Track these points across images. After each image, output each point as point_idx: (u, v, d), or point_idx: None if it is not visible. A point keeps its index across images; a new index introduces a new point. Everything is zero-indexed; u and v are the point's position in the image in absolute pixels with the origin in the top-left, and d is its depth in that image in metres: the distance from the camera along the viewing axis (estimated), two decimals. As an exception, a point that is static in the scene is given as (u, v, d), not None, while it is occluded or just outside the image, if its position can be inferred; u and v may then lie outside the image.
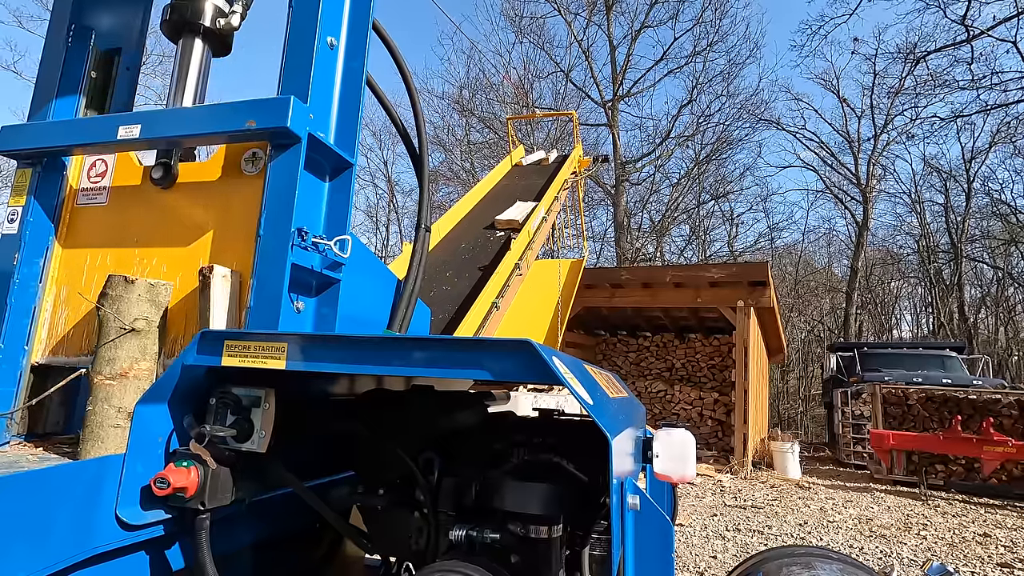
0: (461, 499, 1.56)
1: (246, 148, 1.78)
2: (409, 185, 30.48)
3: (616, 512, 1.05)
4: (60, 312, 1.83)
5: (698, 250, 27.27)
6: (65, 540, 1.11)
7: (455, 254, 4.90)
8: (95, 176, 1.93)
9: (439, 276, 4.45)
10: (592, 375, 1.46)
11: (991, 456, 7.85)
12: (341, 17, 1.88)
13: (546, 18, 25.60)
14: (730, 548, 5.27)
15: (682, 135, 25.08)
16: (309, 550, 1.96)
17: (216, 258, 1.71)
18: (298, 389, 1.49)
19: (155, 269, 1.77)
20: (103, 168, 1.93)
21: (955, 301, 24.09)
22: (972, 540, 5.85)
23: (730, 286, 10.53)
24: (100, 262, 1.83)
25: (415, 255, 2.28)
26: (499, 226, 5.22)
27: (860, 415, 10.90)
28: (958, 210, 24.09)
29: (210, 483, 1.27)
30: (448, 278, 4.46)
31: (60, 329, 1.82)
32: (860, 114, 24.79)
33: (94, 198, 1.91)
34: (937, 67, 21.42)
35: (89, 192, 1.92)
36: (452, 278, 4.46)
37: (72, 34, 2.00)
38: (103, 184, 1.91)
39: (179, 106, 1.90)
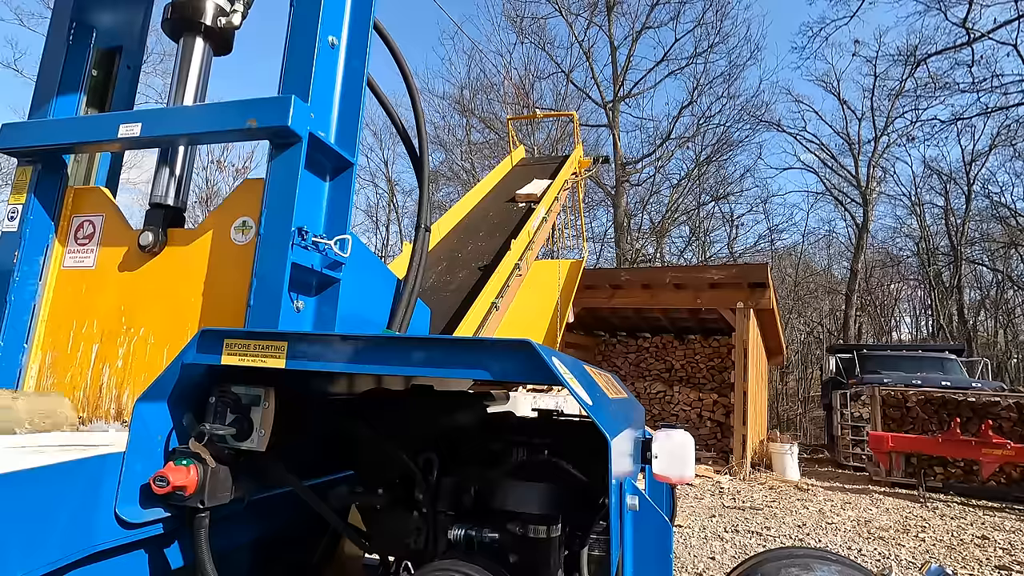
0: (460, 499, 1.56)
1: (236, 216, 1.74)
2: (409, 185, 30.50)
3: (615, 512, 1.05)
4: (45, 379, 1.78)
5: (698, 251, 27.29)
6: (64, 538, 1.11)
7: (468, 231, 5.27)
8: (83, 239, 1.88)
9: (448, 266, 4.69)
10: (591, 376, 1.46)
11: (990, 458, 7.85)
12: (342, 16, 1.89)
13: (547, 19, 25.65)
14: (728, 549, 5.27)
15: (683, 136, 25.12)
16: (308, 549, 1.96)
17: (205, 324, 1.67)
18: (298, 388, 1.49)
19: (142, 338, 1.72)
20: (91, 230, 1.89)
21: (954, 303, 24.11)
22: (970, 542, 5.85)
23: (730, 287, 10.53)
24: (87, 329, 1.78)
25: (415, 255, 2.28)
26: (519, 199, 5.73)
27: (859, 417, 10.90)
28: (958, 212, 24.11)
29: (209, 482, 1.27)
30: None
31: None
32: (860, 116, 24.83)
33: (81, 261, 1.86)
34: (938, 70, 21.49)
35: (76, 255, 1.87)
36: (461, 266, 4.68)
37: (73, 32, 2.00)
38: (90, 247, 1.87)
39: (180, 105, 1.90)
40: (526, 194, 5.82)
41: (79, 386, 1.74)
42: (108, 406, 1.70)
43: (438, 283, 4.41)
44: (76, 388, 1.74)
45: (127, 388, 1.69)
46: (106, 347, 1.75)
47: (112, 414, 1.68)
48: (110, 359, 1.73)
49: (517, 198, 5.86)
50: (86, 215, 1.90)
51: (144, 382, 1.67)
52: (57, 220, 1.89)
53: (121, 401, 1.69)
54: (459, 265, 4.70)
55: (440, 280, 4.44)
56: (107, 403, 1.70)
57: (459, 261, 4.77)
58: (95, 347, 1.76)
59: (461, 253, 4.87)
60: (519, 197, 5.85)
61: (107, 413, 1.69)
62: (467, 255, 4.81)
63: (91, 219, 1.89)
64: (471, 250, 4.89)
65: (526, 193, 5.82)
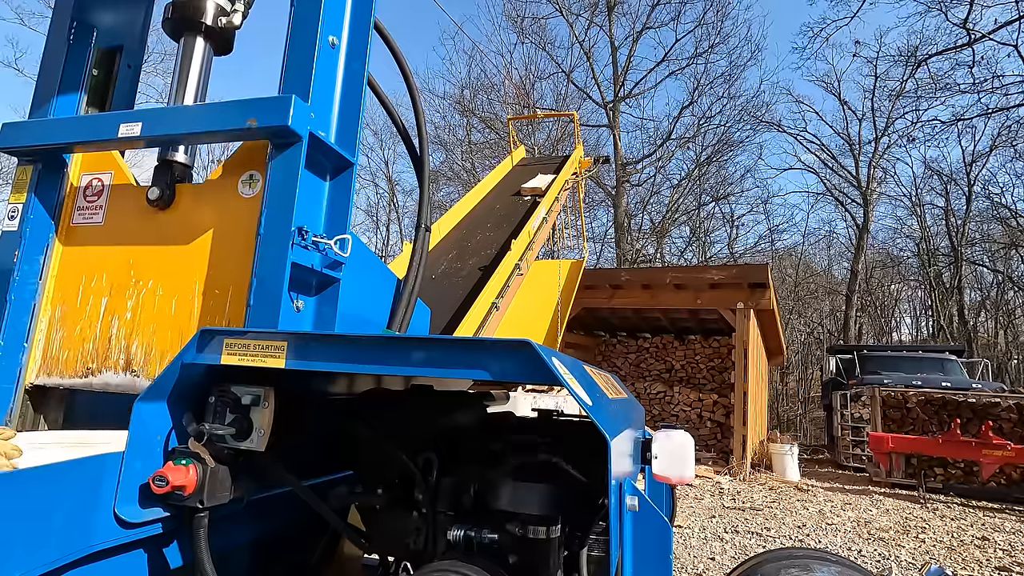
0: (460, 499, 1.56)
1: (243, 171, 1.76)
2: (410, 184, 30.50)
3: (614, 513, 1.05)
4: (55, 333, 1.81)
5: (698, 252, 27.28)
6: (63, 537, 1.11)
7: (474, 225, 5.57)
8: (91, 195, 1.91)
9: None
10: (591, 376, 1.46)
11: (990, 460, 7.85)
12: (343, 16, 1.88)
13: (548, 19, 25.64)
14: (728, 550, 5.27)
15: (683, 137, 25.10)
16: (307, 549, 1.96)
17: (212, 279, 1.70)
18: (298, 388, 1.49)
19: (151, 291, 1.75)
20: (99, 187, 1.91)
21: (955, 304, 24.10)
22: (970, 543, 5.85)
23: (730, 288, 10.53)
24: (96, 283, 1.81)
25: (415, 255, 2.28)
26: (524, 193, 6.03)
27: (859, 418, 10.89)
28: (958, 213, 24.10)
29: (209, 481, 1.27)
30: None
31: (55, 350, 1.80)
32: (861, 117, 24.82)
33: (90, 217, 1.89)
34: (938, 70, 21.46)
35: (85, 211, 1.90)
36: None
37: (74, 32, 2.00)
38: (99, 203, 1.89)
39: (180, 104, 1.90)
40: (531, 188, 6.07)
41: (88, 338, 1.77)
42: (117, 356, 1.73)
43: (449, 270, 4.73)
44: (85, 340, 1.77)
45: (135, 339, 1.73)
46: (115, 300, 1.78)
47: (121, 364, 1.72)
48: (119, 311, 1.77)
49: (522, 192, 6.11)
50: (95, 173, 1.93)
51: (152, 333, 1.72)
52: (57, 219, 1.89)
53: (130, 351, 1.72)
54: (468, 253, 4.98)
55: (451, 267, 4.77)
56: (116, 354, 1.74)
57: (468, 250, 5.06)
58: (104, 300, 1.79)
59: (470, 243, 5.16)
60: (524, 191, 6.10)
61: (116, 363, 1.73)
62: (476, 244, 5.12)
63: (99, 176, 1.92)
64: (480, 240, 5.18)
65: (531, 187, 6.07)
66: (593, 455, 1.56)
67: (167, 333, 1.70)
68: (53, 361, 1.79)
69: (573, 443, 1.66)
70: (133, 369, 1.70)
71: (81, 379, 1.74)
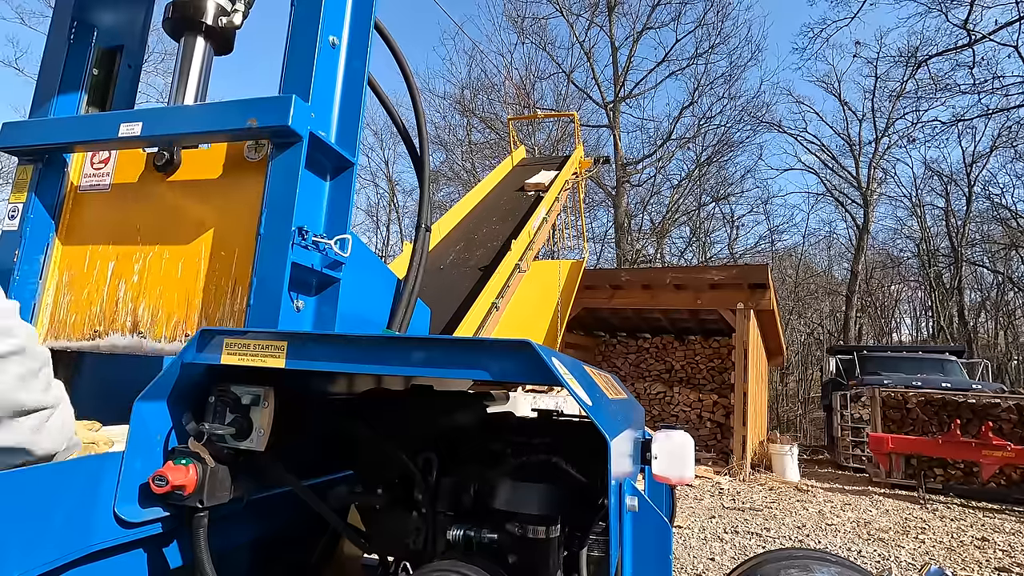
0: (459, 499, 1.56)
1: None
2: (410, 184, 30.52)
3: (614, 513, 1.05)
4: (63, 297, 1.84)
5: (698, 252, 27.28)
6: (62, 537, 1.11)
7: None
8: (98, 163, 1.94)
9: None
10: (591, 376, 1.46)
11: (990, 460, 7.85)
12: (343, 16, 1.88)
13: (548, 19, 25.65)
14: (728, 550, 5.27)
15: (683, 137, 25.13)
16: (307, 549, 1.96)
17: (218, 242, 1.73)
18: (297, 388, 1.49)
19: (157, 254, 1.78)
20: (106, 155, 1.94)
21: (955, 305, 24.10)
22: (970, 544, 5.85)
23: (730, 288, 10.53)
24: (103, 248, 1.84)
25: (415, 255, 2.28)
26: (528, 188, 6.28)
27: (859, 418, 10.90)
28: (959, 214, 24.10)
29: (208, 481, 1.27)
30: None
31: (62, 314, 1.83)
32: (861, 117, 24.84)
33: (97, 184, 1.92)
34: (938, 71, 21.48)
35: (92, 178, 1.93)
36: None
37: (74, 31, 2.00)
38: (106, 170, 1.92)
39: (181, 104, 1.90)
40: (535, 183, 6.31)
41: (95, 302, 1.79)
42: (124, 319, 1.75)
43: (458, 259, 5.06)
44: (92, 304, 1.79)
45: (142, 301, 1.75)
46: (122, 264, 1.80)
47: (128, 326, 1.74)
48: (126, 275, 1.79)
49: (526, 187, 6.35)
50: None
51: (159, 295, 1.74)
52: (58, 219, 1.89)
53: (137, 314, 1.75)
54: (475, 245, 5.26)
55: (459, 257, 5.08)
56: (123, 316, 1.76)
57: (475, 241, 5.32)
58: (111, 264, 1.81)
59: (477, 235, 5.45)
60: (528, 186, 6.33)
61: (123, 326, 1.75)
62: (482, 237, 5.40)
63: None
64: (486, 232, 5.46)
65: (535, 183, 6.32)
66: (593, 455, 1.56)
67: (174, 295, 1.72)
68: (61, 325, 1.82)
69: (573, 443, 1.66)
70: (140, 331, 1.73)
71: (89, 341, 1.76)
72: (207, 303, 1.69)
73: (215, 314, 1.67)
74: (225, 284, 1.69)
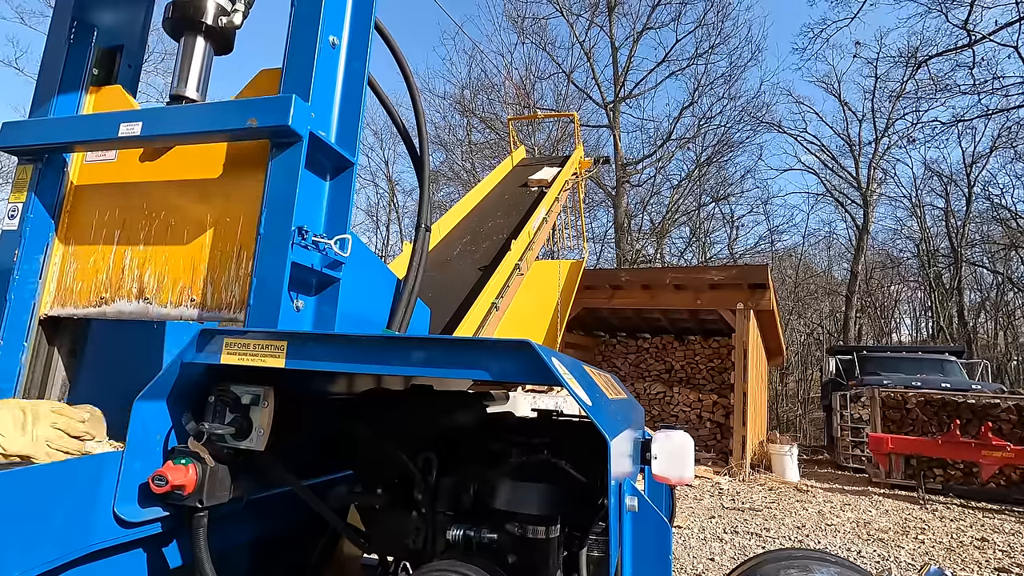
0: (459, 499, 1.56)
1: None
2: (410, 184, 30.52)
3: (614, 513, 1.05)
4: (69, 265, 1.86)
5: (698, 252, 27.28)
6: (62, 537, 1.11)
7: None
8: None
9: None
10: (591, 376, 1.46)
11: (989, 460, 7.85)
12: (343, 16, 1.88)
13: (548, 19, 25.64)
14: (728, 550, 5.27)
15: (683, 137, 25.12)
16: (307, 549, 1.96)
17: (223, 209, 1.74)
18: (297, 388, 1.49)
19: (163, 221, 1.79)
20: None
21: (955, 305, 24.10)
22: (970, 544, 5.85)
23: (730, 288, 10.53)
24: (109, 216, 1.85)
25: (415, 254, 2.28)
26: (531, 184, 6.48)
27: (859, 419, 10.90)
28: (958, 214, 24.10)
29: (208, 481, 1.27)
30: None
31: (69, 281, 1.84)
32: (861, 118, 24.83)
33: (103, 155, 1.93)
34: (938, 71, 21.47)
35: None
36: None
37: (74, 31, 2.00)
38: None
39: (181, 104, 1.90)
40: (538, 179, 6.48)
41: (102, 269, 1.81)
42: (130, 286, 1.77)
43: (464, 251, 5.27)
44: (99, 272, 1.81)
45: (148, 268, 1.77)
46: (128, 231, 1.82)
47: (134, 293, 1.76)
48: (132, 243, 1.81)
49: (530, 183, 6.51)
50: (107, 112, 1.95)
51: (165, 262, 1.76)
52: (57, 219, 1.89)
53: (143, 280, 1.76)
54: (482, 237, 5.43)
55: (466, 249, 5.28)
56: (129, 283, 1.78)
57: (481, 235, 5.49)
58: (117, 233, 1.83)
59: (483, 228, 5.63)
60: (531, 182, 6.50)
61: (129, 292, 1.77)
62: (488, 230, 5.57)
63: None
64: (491, 226, 5.63)
65: (538, 179, 6.49)
66: (593, 455, 1.56)
67: (179, 262, 1.74)
68: (67, 292, 1.83)
69: (573, 443, 1.66)
70: (146, 297, 1.74)
71: (95, 308, 1.78)
72: (213, 268, 1.71)
73: (220, 278, 1.69)
74: (230, 249, 1.70)
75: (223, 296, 1.68)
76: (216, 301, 1.68)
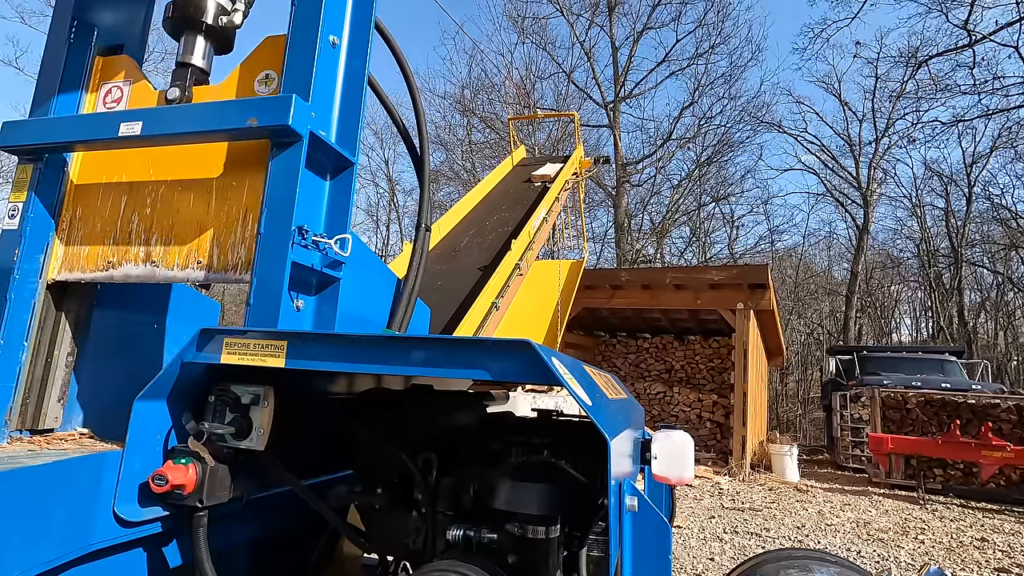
0: (459, 499, 1.56)
1: (259, 70, 1.83)
2: (410, 184, 30.52)
3: (614, 513, 1.05)
4: (77, 230, 1.87)
5: (698, 252, 27.28)
6: (62, 536, 1.11)
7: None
8: (111, 103, 1.97)
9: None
10: (591, 376, 1.46)
11: (989, 461, 7.85)
12: (343, 16, 1.88)
13: (548, 19, 25.64)
14: (727, 550, 5.27)
15: (683, 137, 25.11)
16: (307, 548, 1.96)
17: (228, 173, 1.76)
18: (297, 387, 1.49)
19: (169, 187, 1.81)
20: (119, 95, 1.97)
21: (955, 305, 24.10)
22: (970, 544, 5.85)
23: (730, 288, 10.53)
24: (116, 182, 1.87)
25: (415, 254, 2.28)
26: (534, 180, 6.65)
27: (859, 419, 10.90)
28: (959, 214, 24.10)
29: (208, 480, 1.27)
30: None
31: (76, 246, 1.86)
32: (861, 118, 24.83)
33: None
34: (939, 71, 21.48)
35: None
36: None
37: (74, 30, 2.00)
38: (119, 109, 1.95)
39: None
40: (540, 175, 6.65)
41: (109, 234, 1.83)
42: (137, 250, 1.79)
43: (471, 243, 5.46)
44: (106, 236, 1.83)
45: (155, 233, 1.79)
46: (134, 197, 1.84)
47: (141, 257, 1.78)
48: (139, 208, 1.83)
49: (533, 179, 6.66)
50: (114, 82, 1.98)
51: (171, 225, 1.78)
52: (57, 218, 1.89)
53: (150, 244, 1.79)
54: (487, 230, 5.63)
55: (472, 240, 5.47)
56: (136, 247, 1.79)
57: (487, 228, 5.69)
58: (124, 198, 1.85)
59: (488, 222, 5.81)
60: (535, 178, 6.66)
61: (136, 256, 1.78)
62: (493, 223, 5.76)
63: (119, 85, 1.97)
64: (496, 219, 5.82)
65: (540, 174, 6.66)
66: (593, 455, 1.56)
67: (185, 224, 1.76)
68: (74, 257, 1.85)
69: (573, 443, 1.66)
70: (153, 260, 1.76)
71: (103, 272, 1.80)
72: (218, 230, 1.73)
73: (227, 240, 1.71)
74: (236, 211, 1.72)
75: (229, 257, 1.70)
76: (222, 263, 1.70)
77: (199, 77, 1.92)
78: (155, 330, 2.04)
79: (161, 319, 2.08)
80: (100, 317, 1.90)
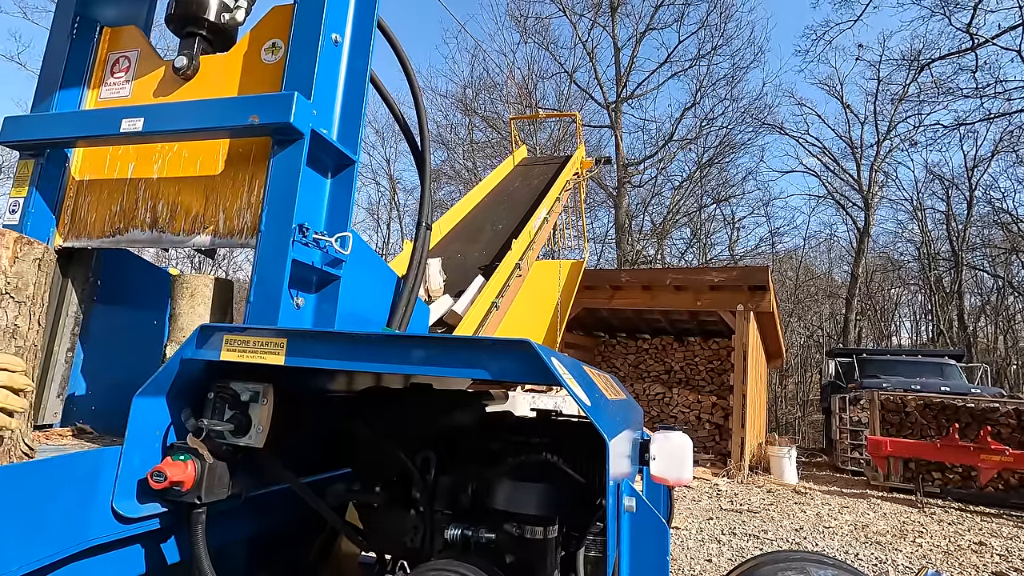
0: (457, 498, 1.56)
1: (265, 39, 1.84)
2: (411, 183, 30.54)
3: (612, 514, 1.05)
4: (83, 198, 1.89)
5: (699, 253, 27.26)
6: (60, 532, 1.11)
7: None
8: (118, 72, 1.98)
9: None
10: (591, 376, 1.46)
11: (988, 464, 7.85)
12: (346, 14, 1.89)
13: (551, 19, 25.63)
14: (725, 552, 5.27)
15: (685, 138, 25.10)
16: (305, 546, 1.96)
17: (235, 142, 1.77)
18: (297, 385, 1.49)
19: (176, 154, 1.83)
20: (126, 64, 1.98)
21: (955, 309, 24.09)
22: (968, 548, 5.85)
23: (730, 290, 10.53)
24: (123, 151, 1.89)
25: (416, 253, 2.28)
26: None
27: (858, 421, 10.90)
28: (960, 218, 24.09)
29: (207, 477, 1.28)
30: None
31: (83, 213, 1.88)
32: (863, 120, 24.81)
33: (117, 92, 1.96)
34: (941, 75, 21.49)
35: (112, 87, 1.98)
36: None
37: (77, 26, 2.00)
38: (126, 78, 1.97)
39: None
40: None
41: (116, 201, 1.85)
42: (143, 216, 1.81)
43: (484, 225, 5.86)
44: (113, 202, 1.85)
45: (161, 199, 1.81)
46: (141, 165, 1.86)
47: (147, 222, 1.80)
48: (145, 174, 1.85)
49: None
50: (122, 51, 2.00)
51: (177, 192, 1.79)
52: (58, 213, 1.89)
53: (156, 210, 1.81)
54: (488, 230, 5.90)
55: (473, 240, 5.72)
56: (143, 213, 1.81)
57: (487, 227, 5.97)
58: (131, 165, 1.87)
59: (489, 221, 6.04)
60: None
61: (142, 222, 1.81)
62: (494, 222, 6.00)
63: (126, 55, 1.99)
64: (497, 219, 6.07)
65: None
66: (591, 455, 1.56)
67: (192, 190, 1.78)
68: (81, 224, 1.87)
69: (571, 443, 1.66)
70: (159, 226, 1.78)
71: (109, 238, 1.82)
72: (224, 196, 1.74)
73: (233, 206, 1.73)
74: (243, 177, 1.74)
75: (235, 223, 1.71)
76: (228, 228, 1.72)
77: (206, 48, 1.94)
78: (155, 327, 2.04)
79: (161, 316, 2.08)
80: (100, 313, 1.90)
